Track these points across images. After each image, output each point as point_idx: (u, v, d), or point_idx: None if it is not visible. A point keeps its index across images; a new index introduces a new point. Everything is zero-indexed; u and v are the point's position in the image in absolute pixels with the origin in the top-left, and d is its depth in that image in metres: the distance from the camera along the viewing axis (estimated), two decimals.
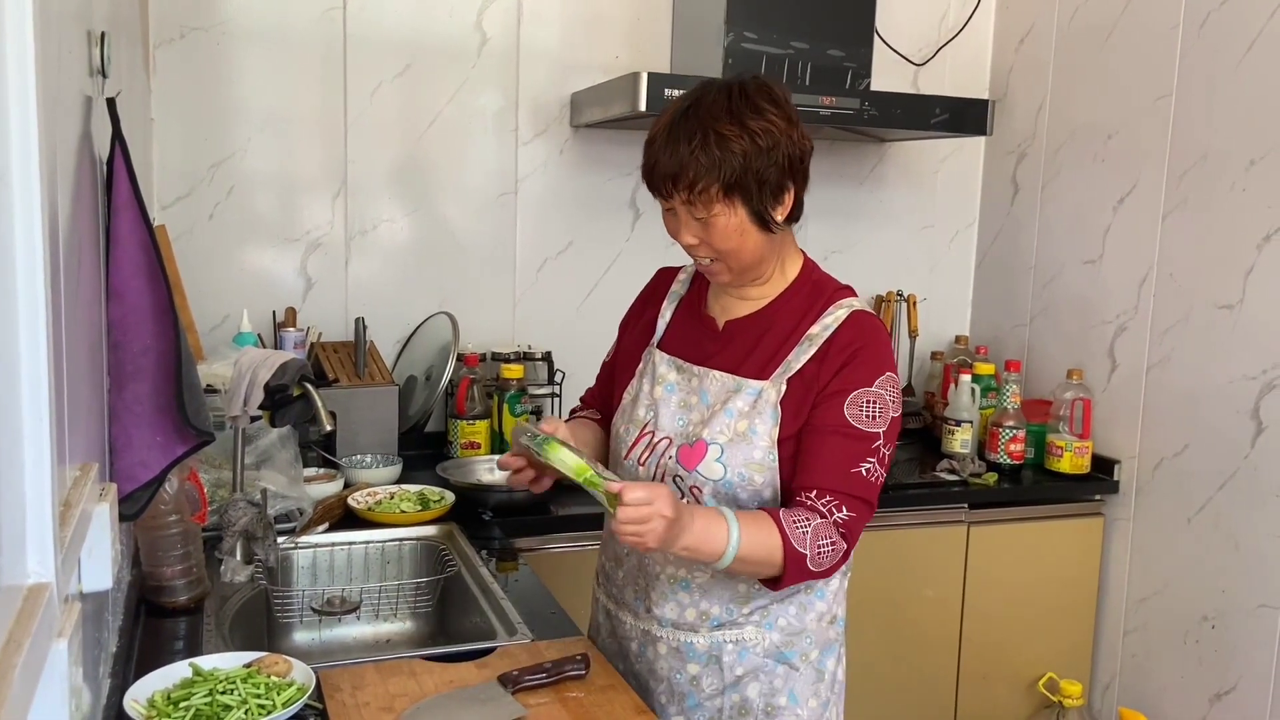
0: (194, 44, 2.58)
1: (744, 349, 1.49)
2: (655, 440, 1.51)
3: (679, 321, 1.59)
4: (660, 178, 1.40)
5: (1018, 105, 3.14)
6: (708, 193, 1.37)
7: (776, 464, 1.44)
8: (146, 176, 2.40)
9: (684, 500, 1.41)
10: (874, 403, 1.42)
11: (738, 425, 1.45)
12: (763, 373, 1.46)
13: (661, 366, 1.55)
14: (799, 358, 1.45)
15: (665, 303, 1.62)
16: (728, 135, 1.35)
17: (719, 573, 1.44)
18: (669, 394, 1.52)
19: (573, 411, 1.79)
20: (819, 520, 1.38)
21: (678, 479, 1.47)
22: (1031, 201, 3.11)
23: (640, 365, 1.59)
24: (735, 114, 1.37)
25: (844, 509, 1.40)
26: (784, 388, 1.44)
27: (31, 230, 0.77)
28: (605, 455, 1.65)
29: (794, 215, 1.46)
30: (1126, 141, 2.77)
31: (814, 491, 1.40)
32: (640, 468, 1.52)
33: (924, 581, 2.70)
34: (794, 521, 1.36)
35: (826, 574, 1.42)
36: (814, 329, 1.46)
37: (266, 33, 2.64)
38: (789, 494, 1.46)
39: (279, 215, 2.72)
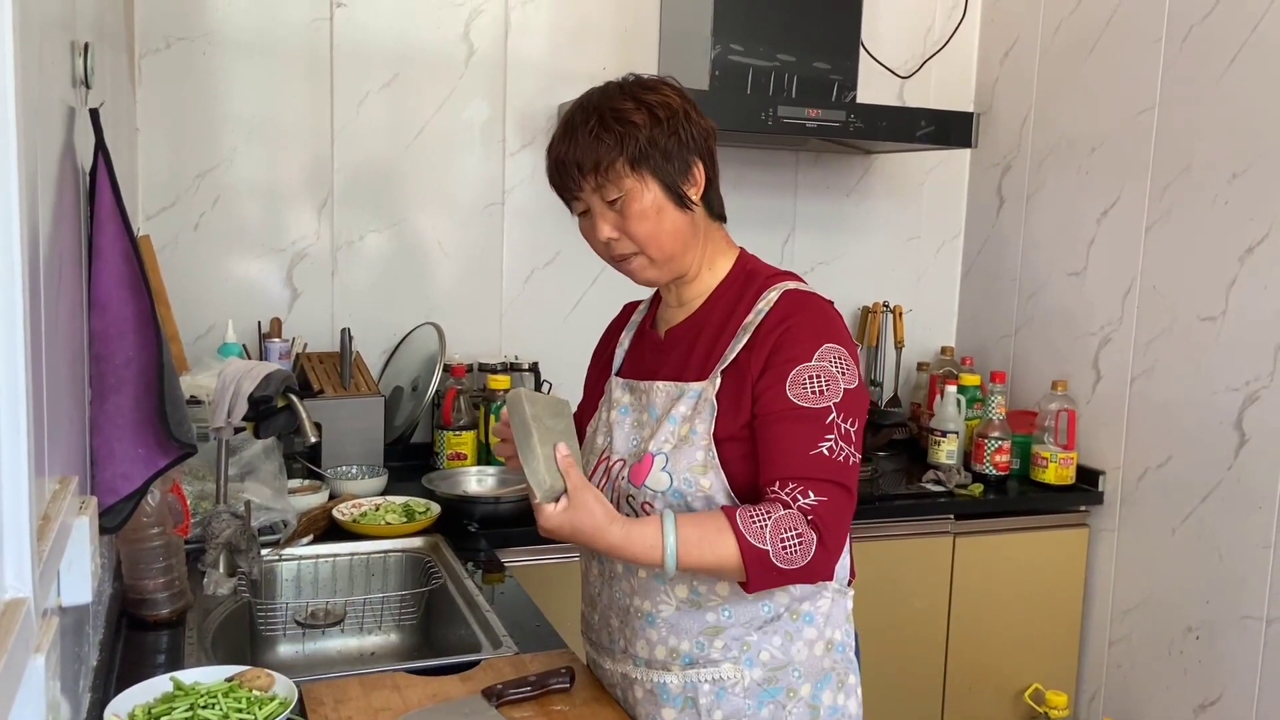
0: (180, 54, 2.58)
1: (684, 354, 1.45)
2: (610, 463, 1.46)
3: (634, 347, 1.56)
4: (566, 171, 1.36)
5: (1002, 118, 3.16)
6: (614, 169, 1.33)
7: (718, 463, 1.36)
8: (131, 187, 2.39)
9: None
10: (816, 377, 1.33)
11: (680, 430, 1.39)
12: (703, 373, 1.41)
13: (616, 391, 1.51)
14: (734, 350, 1.39)
15: (624, 333, 1.58)
16: (625, 110, 1.34)
17: (673, 577, 1.36)
18: (623, 416, 1.47)
19: None
20: (781, 512, 1.28)
21: (630, 499, 1.41)
22: (1016, 213, 3.12)
23: (602, 398, 1.55)
24: (629, 93, 1.37)
25: (810, 494, 1.29)
26: (719, 381, 1.38)
27: (10, 241, 0.76)
28: None
29: (715, 207, 1.44)
30: (1110, 154, 2.79)
31: (775, 483, 1.31)
32: None
33: (910, 592, 2.70)
34: (750, 518, 1.27)
35: (810, 574, 1.30)
36: (748, 318, 1.40)
37: (253, 43, 2.64)
38: (755, 497, 1.37)
39: (265, 225, 2.71)
